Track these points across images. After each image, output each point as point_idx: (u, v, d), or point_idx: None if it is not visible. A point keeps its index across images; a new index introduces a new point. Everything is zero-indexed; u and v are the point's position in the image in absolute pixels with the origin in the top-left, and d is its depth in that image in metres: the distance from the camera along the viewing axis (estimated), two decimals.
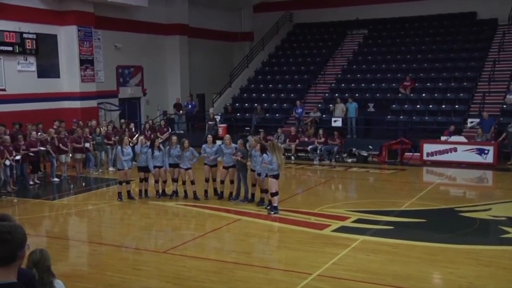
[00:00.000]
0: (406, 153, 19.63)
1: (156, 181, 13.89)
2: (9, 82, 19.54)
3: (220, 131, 22.81)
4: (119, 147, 14.16)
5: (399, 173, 17.89)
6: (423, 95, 22.91)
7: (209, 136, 14.26)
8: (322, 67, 27.31)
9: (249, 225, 11.41)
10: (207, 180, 13.61)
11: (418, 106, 22.39)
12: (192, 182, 13.59)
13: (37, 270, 4.28)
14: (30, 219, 12.21)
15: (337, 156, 19.98)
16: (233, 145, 13.23)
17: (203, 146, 13.59)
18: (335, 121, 21.92)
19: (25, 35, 19.87)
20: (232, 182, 13.33)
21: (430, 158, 19.13)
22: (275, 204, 11.99)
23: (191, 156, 13.46)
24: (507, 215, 11.88)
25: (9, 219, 3.46)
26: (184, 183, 13.73)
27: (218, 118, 24.23)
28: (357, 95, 23.50)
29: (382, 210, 12.31)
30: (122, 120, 20.77)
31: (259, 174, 12.40)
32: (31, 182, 16.00)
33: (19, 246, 2.83)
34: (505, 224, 11.10)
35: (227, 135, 14.01)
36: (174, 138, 14.12)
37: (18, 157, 15.18)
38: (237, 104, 26.15)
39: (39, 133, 16.80)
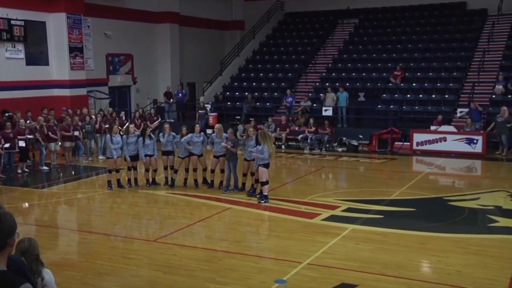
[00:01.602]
0: (396, 143, 19.71)
1: (147, 170, 13.86)
2: None
3: (211, 120, 22.76)
4: (108, 136, 14.09)
5: (389, 163, 17.96)
6: (413, 84, 22.97)
7: (197, 125, 14.18)
8: (313, 56, 27.28)
9: (240, 214, 11.43)
10: (195, 170, 13.60)
11: (408, 95, 22.45)
12: (186, 170, 13.61)
13: (25, 259, 4.25)
14: (18, 207, 12.15)
15: (327, 145, 20.02)
16: (224, 134, 13.21)
17: (190, 135, 13.56)
18: (325, 110, 21.94)
19: (13, 22, 19.61)
20: (222, 171, 13.33)
21: (419, 147, 19.22)
22: (266, 193, 12.01)
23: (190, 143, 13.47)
24: (495, 204, 11.99)
25: None
26: (176, 171, 13.69)
27: (208, 107, 24.16)
28: (347, 84, 23.50)
29: (372, 199, 12.37)
30: (110, 109, 20.62)
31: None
32: (19, 171, 15.90)
33: (9, 234, 2.82)
34: (493, 213, 11.19)
35: (218, 125, 13.96)
36: (167, 125, 14.10)
37: (6, 145, 15.07)
38: (227, 93, 26.08)
39: (28, 121, 16.68)
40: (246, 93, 24.65)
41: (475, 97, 21.01)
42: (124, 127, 16.17)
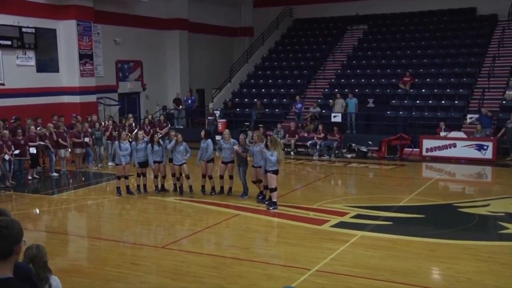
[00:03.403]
0: (405, 149, 19.62)
1: (155, 176, 13.88)
2: (8, 76, 19.51)
3: (220, 126, 22.80)
4: (116, 142, 14.15)
5: (398, 169, 17.88)
6: (423, 90, 22.89)
7: (202, 131, 14.15)
8: (322, 63, 27.28)
9: (248, 220, 11.41)
10: (204, 176, 13.59)
11: (417, 101, 22.37)
12: (187, 177, 13.56)
13: (33, 265, 4.27)
14: (29, 214, 12.22)
15: (336, 152, 19.97)
16: (232, 140, 13.21)
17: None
18: (334, 116, 21.91)
19: (24, 30, 19.82)
20: (231, 177, 13.32)
21: (429, 153, 19.12)
22: (274, 200, 11.99)
23: (184, 151, 13.42)
24: (505, 210, 11.88)
25: (6, 214, 3.46)
26: (179, 179, 13.67)
27: (217, 113, 24.22)
28: (356, 90, 23.47)
29: (381, 206, 12.31)
30: (130, 115, 20.56)
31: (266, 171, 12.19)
32: (29, 177, 16.00)
33: (16, 241, 2.83)
34: (503, 220, 11.09)
35: (226, 130, 13.97)
36: (173, 133, 14.13)
37: (16, 152, 15.18)
38: (236, 99, 26.14)
39: (38, 128, 16.79)
40: (255, 100, 24.67)
41: (485, 103, 20.89)
42: (133, 133, 16.24)
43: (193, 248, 9.49)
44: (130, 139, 14.26)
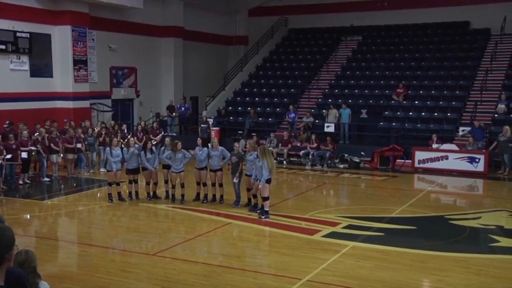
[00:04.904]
0: (397, 160, 19.68)
1: (147, 183, 13.85)
2: (2, 81, 19.42)
3: (213, 134, 22.76)
4: (108, 149, 14.12)
5: (390, 180, 17.92)
6: (416, 102, 23.00)
7: (199, 139, 14.13)
8: (316, 73, 27.36)
9: (240, 229, 11.39)
10: (198, 184, 13.56)
11: (410, 113, 22.47)
12: (182, 185, 13.54)
13: (22, 271, 4.22)
14: (19, 219, 12.13)
15: (329, 162, 19.99)
16: (220, 147, 13.24)
17: (196, 148, 13.59)
18: (327, 126, 21.95)
19: (18, 34, 19.77)
20: (221, 185, 13.31)
21: (421, 165, 19.18)
22: (266, 209, 11.98)
23: (183, 158, 13.41)
24: (496, 223, 11.92)
25: (0, 219, 3.42)
26: (174, 186, 13.65)
27: (211, 121, 24.17)
28: (350, 101, 23.55)
29: (373, 217, 12.32)
30: (113, 122, 20.64)
31: (256, 179, 12.22)
32: (20, 182, 15.90)
33: (7, 248, 2.79)
34: (494, 233, 11.13)
35: (215, 138, 14.03)
36: (167, 140, 14.11)
37: (8, 156, 15.09)
38: (230, 108, 26.15)
39: (36, 134, 16.72)
40: (249, 108, 24.69)
41: (477, 116, 21.01)
42: (126, 140, 16.20)
43: (184, 256, 9.45)
44: (122, 145, 14.20)
